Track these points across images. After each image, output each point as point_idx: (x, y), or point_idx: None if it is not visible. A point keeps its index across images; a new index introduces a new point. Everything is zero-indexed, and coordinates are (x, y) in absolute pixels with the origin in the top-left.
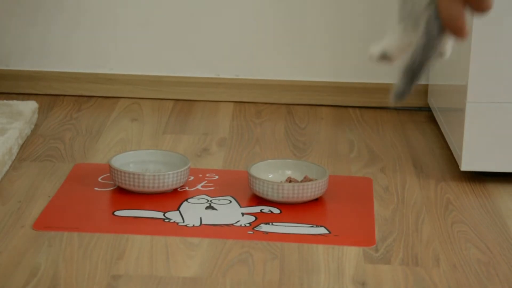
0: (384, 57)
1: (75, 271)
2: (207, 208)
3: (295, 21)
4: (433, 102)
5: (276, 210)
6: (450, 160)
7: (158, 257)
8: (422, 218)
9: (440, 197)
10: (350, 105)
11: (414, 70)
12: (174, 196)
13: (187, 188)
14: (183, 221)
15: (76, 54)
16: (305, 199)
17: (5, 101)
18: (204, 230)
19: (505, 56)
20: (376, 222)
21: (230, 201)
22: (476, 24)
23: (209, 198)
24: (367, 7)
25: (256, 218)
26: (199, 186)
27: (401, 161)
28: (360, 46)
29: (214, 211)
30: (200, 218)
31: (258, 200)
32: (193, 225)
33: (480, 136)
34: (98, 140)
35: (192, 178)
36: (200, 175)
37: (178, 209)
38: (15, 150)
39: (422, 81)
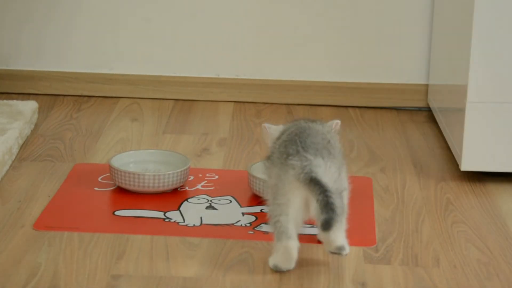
0: (276, 269)
1: (75, 271)
2: (207, 208)
3: (295, 21)
4: (433, 102)
5: None
6: (450, 160)
7: (158, 257)
8: (422, 218)
9: (440, 197)
10: (350, 105)
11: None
12: (174, 196)
13: (187, 188)
14: (184, 221)
15: (76, 54)
16: None
17: (5, 101)
18: (205, 230)
19: (505, 56)
20: (376, 222)
21: (231, 201)
22: (477, 24)
23: (209, 198)
24: (366, 7)
25: (256, 218)
26: (199, 186)
27: (401, 161)
28: (360, 46)
29: (215, 211)
30: (201, 218)
31: (258, 200)
32: (194, 225)
33: (480, 136)
34: (98, 140)
35: (192, 178)
36: (200, 175)
37: (178, 208)
38: (15, 150)
39: (422, 81)
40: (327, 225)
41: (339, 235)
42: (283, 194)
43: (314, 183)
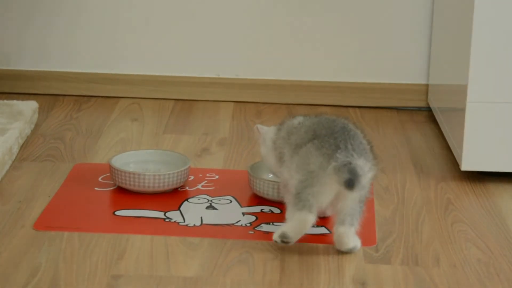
0: (282, 238)
1: (75, 271)
2: (207, 207)
3: (295, 21)
4: (433, 102)
5: (276, 210)
6: (450, 160)
7: (158, 257)
8: (422, 218)
9: (440, 197)
10: (350, 105)
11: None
12: (175, 196)
13: (187, 188)
14: (184, 221)
15: (76, 54)
16: None
17: (5, 101)
18: (205, 229)
19: (505, 56)
20: (376, 222)
21: (231, 201)
22: (477, 24)
23: (210, 198)
24: (366, 7)
25: (256, 218)
26: (199, 186)
27: (401, 161)
28: (360, 46)
29: (215, 210)
30: (201, 218)
31: (258, 200)
32: (194, 224)
33: (480, 136)
34: (98, 140)
35: (192, 178)
36: (200, 175)
37: (178, 208)
38: (15, 150)
39: (422, 81)
40: (350, 183)
41: (351, 237)
42: (321, 184)
43: (350, 171)
